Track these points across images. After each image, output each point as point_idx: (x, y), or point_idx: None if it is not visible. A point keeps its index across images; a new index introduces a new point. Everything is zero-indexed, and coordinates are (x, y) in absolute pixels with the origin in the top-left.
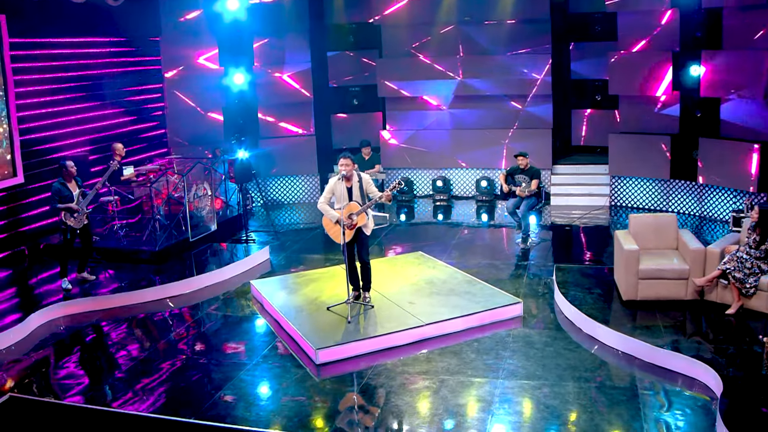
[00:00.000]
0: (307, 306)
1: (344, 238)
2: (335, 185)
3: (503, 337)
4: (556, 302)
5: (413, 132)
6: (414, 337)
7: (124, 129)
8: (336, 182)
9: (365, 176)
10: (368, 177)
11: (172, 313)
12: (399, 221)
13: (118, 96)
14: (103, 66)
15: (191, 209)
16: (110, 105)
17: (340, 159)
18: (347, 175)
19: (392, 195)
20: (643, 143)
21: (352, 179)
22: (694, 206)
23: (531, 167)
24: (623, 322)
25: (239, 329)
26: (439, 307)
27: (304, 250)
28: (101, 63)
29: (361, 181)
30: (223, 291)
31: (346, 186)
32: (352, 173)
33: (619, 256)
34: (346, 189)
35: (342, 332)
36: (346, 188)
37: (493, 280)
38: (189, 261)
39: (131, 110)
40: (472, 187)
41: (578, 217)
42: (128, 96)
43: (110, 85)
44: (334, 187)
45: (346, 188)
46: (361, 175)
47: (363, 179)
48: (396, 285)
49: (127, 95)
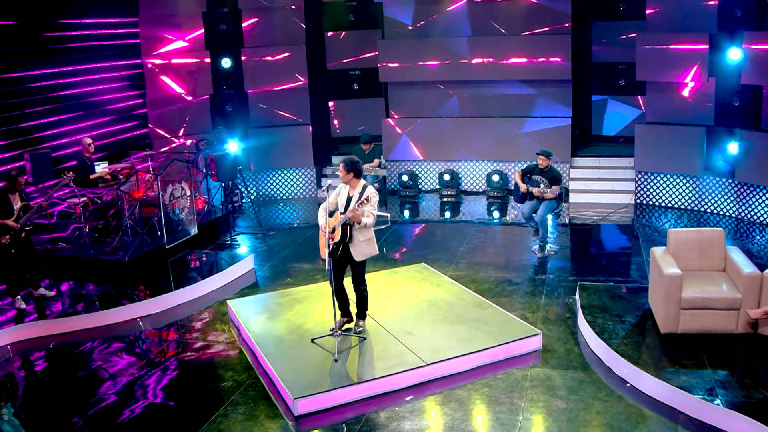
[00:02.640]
0: (289, 336)
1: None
2: (341, 189)
3: (519, 380)
4: (581, 331)
5: (418, 120)
6: (413, 380)
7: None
8: (342, 186)
9: (369, 189)
10: (372, 192)
11: (136, 339)
12: (402, 218)
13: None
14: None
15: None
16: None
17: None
18: (343, 182)
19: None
20: (673, 135)
21: (356, 187)
22: (731, 207)
23: (552, 168)
24: (662, 365)
25: (211, 363)
26: (444, 339)
27: (293, 257)
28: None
29: (362, 193)
30: (199, 309)
31: (349, 194)
32: (349, 180)
33: (658, 280)
34: (346, 197)
35: (326, 375)
36: (348, 196)
37: (507, 301)
38: (163, 273)
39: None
40: (482, 182)
41: (600, 218)
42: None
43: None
44: (339, 192)
45: (347, 196)
46: (366, 188)
47: (365, 192)
48: (394, 307)
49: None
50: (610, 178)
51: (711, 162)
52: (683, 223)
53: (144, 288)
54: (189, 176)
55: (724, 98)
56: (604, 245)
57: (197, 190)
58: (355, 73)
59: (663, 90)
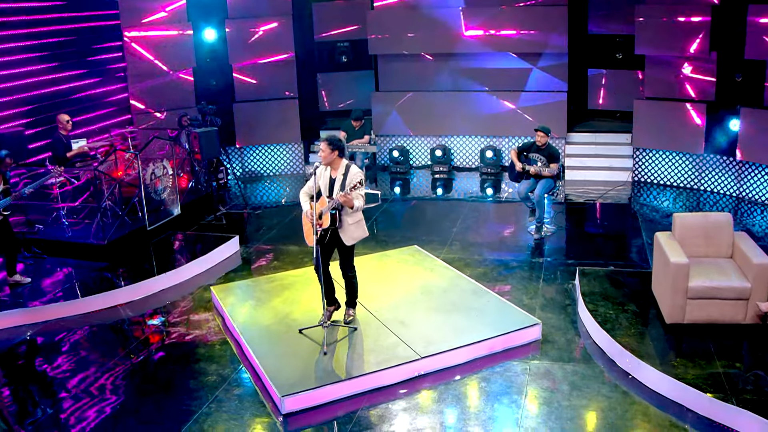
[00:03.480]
0: (276, 326)
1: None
2: (322, 172)
3: (518, 374)
4: (582, 320)
5: (409, 94)
6: (406, 374)
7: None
8: (323, 168)
9: (353, 169)
10: (357, 172)
11: (115, 329)
12: (393, 196)
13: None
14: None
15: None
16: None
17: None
18: (323, 163)
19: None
20: (673, 112)
21: (338, 168)
22: (732, 186)
23: (549, 146)
24: (669, 358)
25: (193, 356)
26: (439, 330)
27: (280, 238)
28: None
29: (347, 174)
30: (182, 295)
31: (332, 175)
32: (333, 161)
33: (663, 268)
34: (329, 179)
35: (315, 369)
36: (330, 178)
37: (503, 286)
38: (145, 256)
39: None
40: (475, 158)
41: (597, 196)
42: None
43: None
44: (319, 175)
45: (330, 178)
46: (350, 168)
47: (349, 173)
48: (386, 294)
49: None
50: (606, 155)
51: (711, 140)
52: (681, 203)
53: (125, 273)
54: (171, 154)
55: (726, 74)
56: (602, 226)
57: (180, 168)
58: (343, 45)
59: (662, 64)
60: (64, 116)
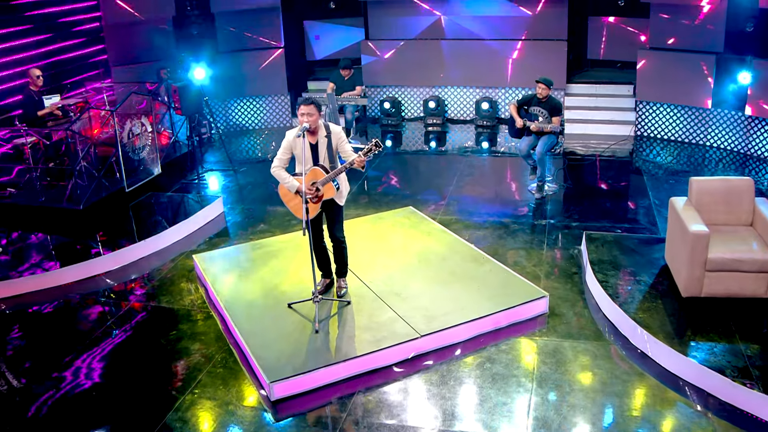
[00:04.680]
0: (263, 300)
1: (306, 215)
2: (294, 142)
3: (526, 353)
4: (590, 291)
5: (401, 43)
6: (404, 354)
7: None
8: (295, 138)
9: (335, 129)
10: (339, 130)
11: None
12: (385, 150)
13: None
14: None
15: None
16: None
17: (300, 105)
18: (311, 128)
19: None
20: (678, 63)
21: (317, 133)
22: (739, 142)
23: (551, 98)
24: (687, 336)
25: (175, 333)
26: (438, 303)
27: (266, 198)
28: None
29: (330, 136)
30: (163, 262)
31: (310, 142)
32: (317, 125)
33: (679, 237)
34: (309, 147)
35: (306, 350)
36: (310, 145)
37: (505, 252)
38: (123, 221)
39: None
40: (470, 110)
41: (600, 151)
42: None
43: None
44: (293, 145)
45: (309, 145)
46: (330, 128)
47: (333, 133)
48: (380, 263)
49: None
50: (607, 107)
51: (719, 93)
52: (686, 159)
53: (102, 239)
54: (150, 109)
55: (736, 23)
56: (606, 184)
57: (160, 124)
58: None
59: (668, 12)
60: (35, 71)
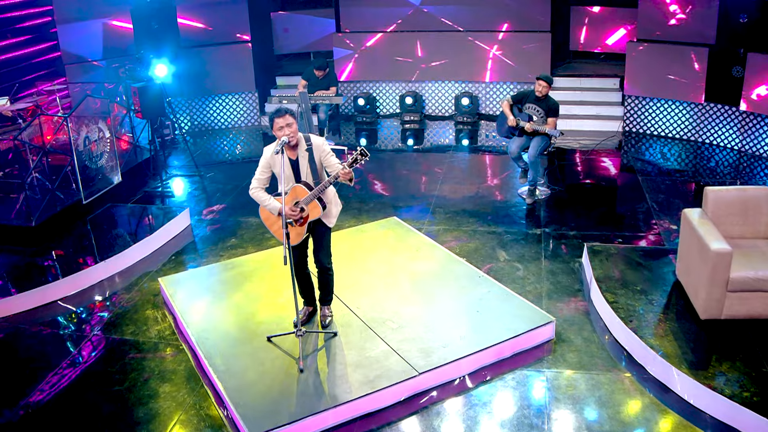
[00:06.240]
0: (238, 332)
1: (287, 240)
2: (273, 159)
3: (534, 388)
4: (598, 311)
5: (375, 35)
6: (401, 394)
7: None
8: (273, 155)
9: (318, 140)
10: (322, 141)
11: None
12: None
13: None
14: None
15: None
16: None
17: (274, 118)
18: (290, 142)
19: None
20: (669, 56)
21: (298, 147)
22: (734, 138)
23: (549, 98)
24: (711, 366)
25: (141, 373)
26: (435, 331)
27: (238, 206)
28: None
29: (312, 149)
30: (125, 285)
31: (290, 158)
32: (297, 139)
33: (696, 254)
34: (289, 163)
35: (292, 394)
36: (290, 161)
37: (500, 267)
38: (80, 238)
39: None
40: (449, 105)
41: (588, 149)
42: None
43: None
44: (271, 162)
45: (289, 161)
46: (311, 139)
47: (315, 145)
48: (366, 285)
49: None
50: (593, 102)
51: (713, 88)
52: (679, 157)
53: (57, 260)
54: (108, 113)
55: (730, 14)
56: (599, 186)
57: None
58: None
59: (658, 1)
60: None
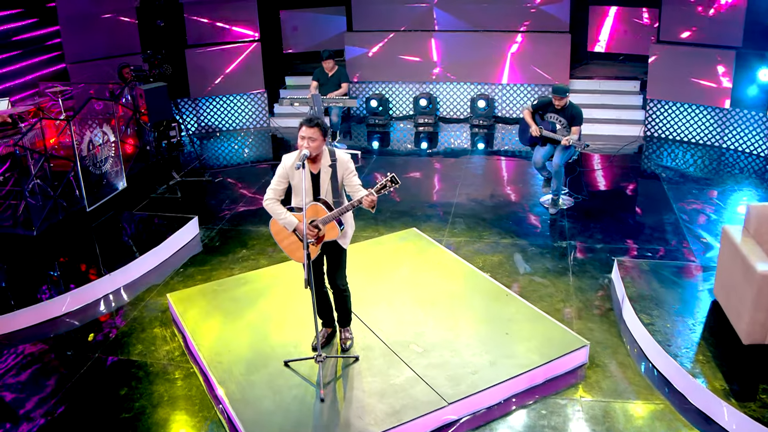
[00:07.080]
0: (253, 355)
1: (308, 261)
2: (291, 170)
3: (569, 419)
4: (632, 334)
5: (389, 34)
6: (429, 426)
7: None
8: (292, 166)
9: (344, 156)
10: (348, 159)
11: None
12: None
13: None
14: None
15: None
16: None
17: (303, 125)
18: (311, 155)
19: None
20: (694, 59)
21: (320, 160)
22: (761, 144)
23: (571, 105)
24: (759, 397)
25: (149, 398)
26: (463, 356)
27: (247, 215)
28: None
29: (336, 165)
30: (131, 299)
31: (311, 171)
32: (320, 151)
33: (739, 275)
34: (310, 176)
35: (312, 427)
36: (311, 175)
37: (527, 284)
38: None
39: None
40: (465, 108)
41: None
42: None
43: None
44: (290, 173)
45: (310, 174)
46: (336, 155)
47: (339, 161)
48: (387, 304)
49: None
50: (613, 105)
51: (738, 92)
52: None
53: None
54: (113, 115)
55: (757, 15)
56: (624, 195)
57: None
58: None
59: (682, 1)
60: None
